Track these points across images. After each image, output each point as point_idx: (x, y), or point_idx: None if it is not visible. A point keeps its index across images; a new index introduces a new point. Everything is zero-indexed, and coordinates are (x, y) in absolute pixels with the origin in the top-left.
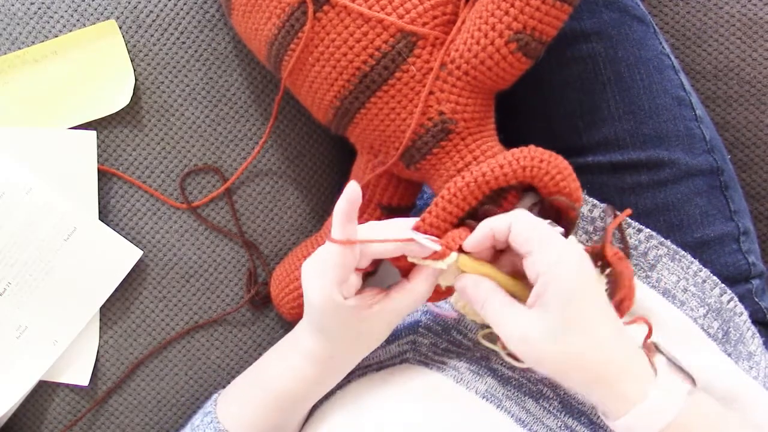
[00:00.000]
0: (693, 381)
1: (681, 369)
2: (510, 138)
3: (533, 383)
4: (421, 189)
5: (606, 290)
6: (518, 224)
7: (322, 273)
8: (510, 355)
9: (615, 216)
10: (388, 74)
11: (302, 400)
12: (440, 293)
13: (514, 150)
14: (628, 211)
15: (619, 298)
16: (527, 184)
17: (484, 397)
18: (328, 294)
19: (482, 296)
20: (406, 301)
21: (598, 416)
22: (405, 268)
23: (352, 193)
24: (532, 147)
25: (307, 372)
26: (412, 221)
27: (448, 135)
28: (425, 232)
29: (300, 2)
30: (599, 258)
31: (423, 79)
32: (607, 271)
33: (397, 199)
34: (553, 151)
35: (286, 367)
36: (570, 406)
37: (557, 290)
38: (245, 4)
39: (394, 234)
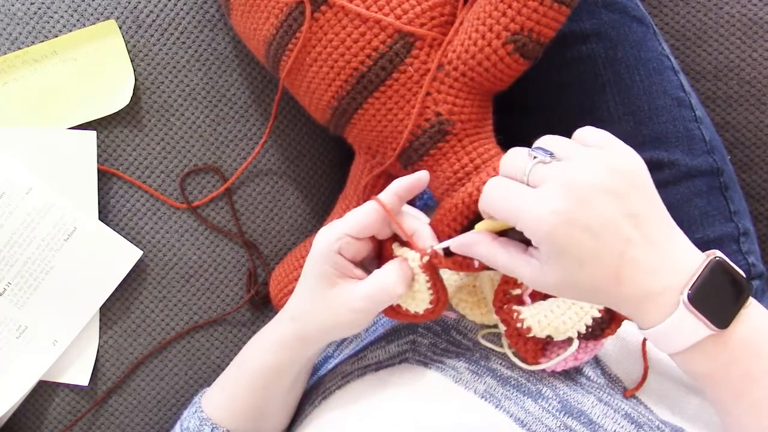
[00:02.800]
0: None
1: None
2: (509, 139)
3: (532, 383)
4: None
5: None
6: (490, 204)
7: (342, 220)
8: (516, 355)
9: None
10: (386, 75)
11: (274, 373)
12: (403, 314)
13: (496, 161)
14: None
15: None
16: None
17: (483, 397)
18: (331, 237)
19: (486, 254)
20: (370, 288)
21: (598, 416)
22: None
23: (422, 176)
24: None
25: (279, 335)
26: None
27: (445, 136)
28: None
29: (298, 2)
30: None
31: (420, 80)
32: None
33: None
34: None
35: (258, 341)
36: (569, 405)
37: (545, 252)
38: (244, 4)
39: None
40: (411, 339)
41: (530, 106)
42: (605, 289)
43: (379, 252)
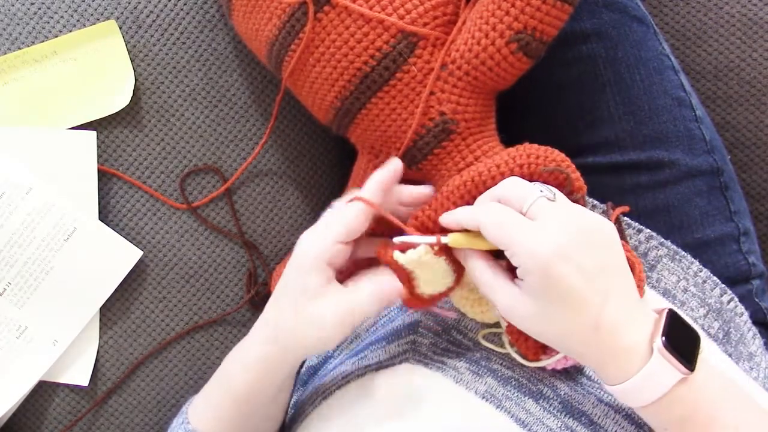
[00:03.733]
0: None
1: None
2: (511, 138)
3: (533, 383)
4: None
5: None
6: (485, 226)
7: (328, 226)
8: (517, 353)
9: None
10: (389, 75)
11: (255, 391)
12: (424, 300)
13: (510, 149)
14: (626, 208)
15: None
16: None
17: (483, 398)
18: (323, 246)
19: (474, 268)
20: (356, 296)
21: (599, 416)
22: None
23: (396, 165)
24: (527, 144)
25: (258, 353)
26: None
27: (449, 135)
28: (422, 225)
29: (301, 3)
30: None
31: (424, 80)
32: None
33: None
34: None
35: (239, 358)
36: (570, 406)
37: (531, 283)
38: (245, 4)
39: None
40: (411, 339)
41: (531, 105)
42: (581, 334)
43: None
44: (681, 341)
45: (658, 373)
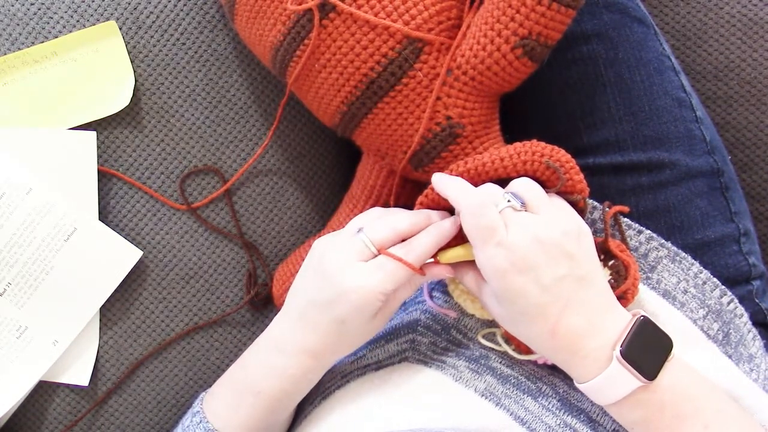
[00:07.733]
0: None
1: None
2: (513, 139)
3: (532, 381)
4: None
5: (609, 281)
6: (463, 212)
7: (384, 278)
8: (516, 349)
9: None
10: (396, 80)
11: (291, 397)
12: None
13: (517, 144)
14: (624, 207)
15: (624, 288)
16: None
17: (483, 396)
18: (376, 298)
19: (459, 276)
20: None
21: (598, 414)
22: None
23: (451, 226)
24: (534, 141)
25: (297, 370)
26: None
27: (456, 139)
28: (428, 209)
29: (306, 10)
30: (601, 251)
31: (430, 85)
32: (611, 263)
33: (403, 199)
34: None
35: (274, 368)
36: (569, 403)
37: (492, 288)
38: (249, 10)
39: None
40: (410, 338)
41: (531, 106)
42: (540, 338)
43: None
44: (648, 348)
45: (616, 378)
